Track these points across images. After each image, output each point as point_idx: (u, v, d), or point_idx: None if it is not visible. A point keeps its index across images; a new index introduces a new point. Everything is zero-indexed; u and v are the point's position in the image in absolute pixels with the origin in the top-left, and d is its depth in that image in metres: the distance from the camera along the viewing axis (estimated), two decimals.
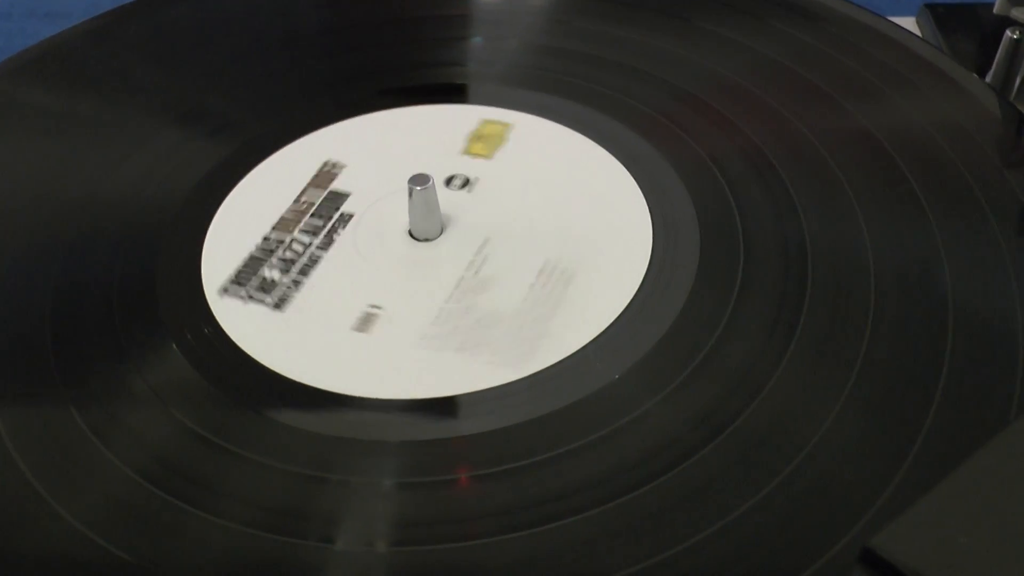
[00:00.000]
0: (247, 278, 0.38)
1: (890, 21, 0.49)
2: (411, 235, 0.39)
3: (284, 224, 0.40)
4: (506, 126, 0.42)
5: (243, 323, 0.36)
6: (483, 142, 0.41)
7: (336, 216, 0.41)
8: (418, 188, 0.38)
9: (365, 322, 0.36)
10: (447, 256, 0.39)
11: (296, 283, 0.38)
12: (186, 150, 0.44)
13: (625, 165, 0.42)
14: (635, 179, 0.41)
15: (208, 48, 0.51)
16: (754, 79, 0.45)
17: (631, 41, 0.49)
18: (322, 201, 0.42)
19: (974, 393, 0.31)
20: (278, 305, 0.37)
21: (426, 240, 0.39)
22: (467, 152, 0.41)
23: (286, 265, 0.39)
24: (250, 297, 0.37)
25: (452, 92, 0.47)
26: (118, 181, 0.43)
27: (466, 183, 0.42)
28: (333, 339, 0.35)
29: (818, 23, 0.49)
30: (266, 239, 0.40)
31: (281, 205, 0.41)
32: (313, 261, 0.39)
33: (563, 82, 0.46)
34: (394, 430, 0.32)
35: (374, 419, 0.33)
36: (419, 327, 0.35)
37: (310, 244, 0.39)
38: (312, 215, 0.41)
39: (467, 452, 0.31)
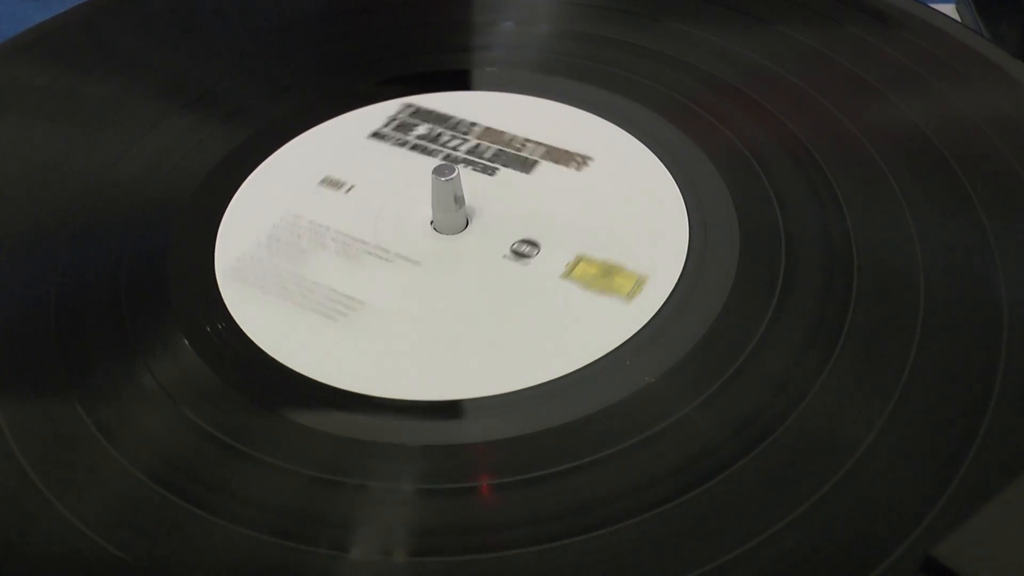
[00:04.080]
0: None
1: (932, 8, 0.49)
2: (434, 228, 0.40)
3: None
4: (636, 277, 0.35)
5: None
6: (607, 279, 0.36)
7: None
8: (442, 179, 0.38)
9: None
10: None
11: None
12: (197, 136, 0.44)
13: (660, 157, 0.42)
14: (670, 172, 0.41)
15: (219, 30, 0.51)
16: (792, 68, 0.46)
17: (667, 28, 0.49)
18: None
19: None
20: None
21: (450, 233, 0.39)
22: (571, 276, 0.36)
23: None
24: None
25: (483, 79, 0.47)
26: (126, 168, 0.43)
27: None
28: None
29: (856, 10, 0.49)
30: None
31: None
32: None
33: (596, 70, 0.47)
34: (415, 433, 0.32)
35: (394, 421, 0.33)
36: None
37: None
38: None
39: (492, 458, 0.31)
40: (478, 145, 0.43)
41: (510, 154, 0.43)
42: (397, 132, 0.44)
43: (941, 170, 0.40)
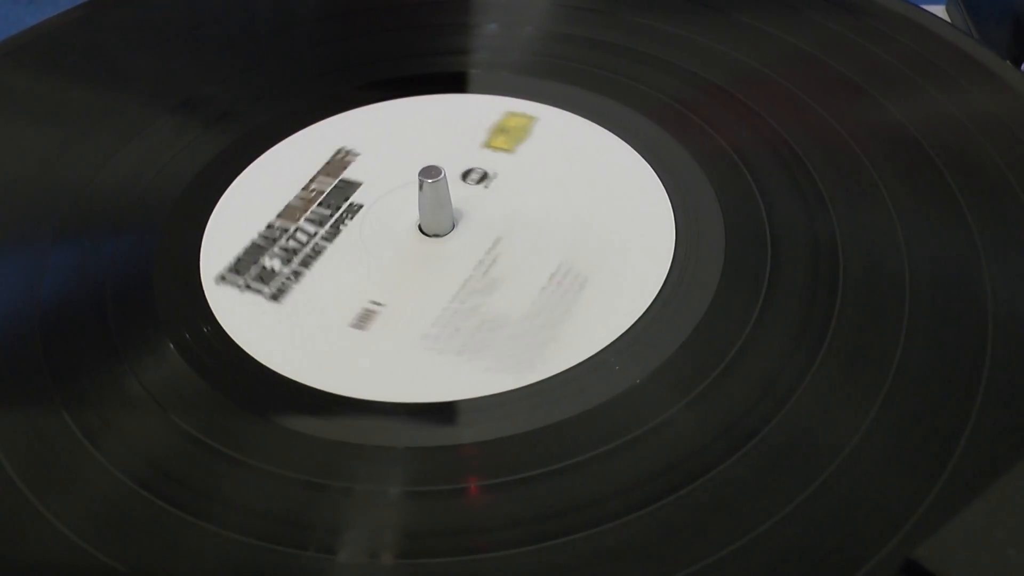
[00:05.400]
0: (246, 267, 0.38)
1: (922, 9, 0.49)
2: (420, 230, 0.40)
3: (290, 212, 0.41)
4: (531, 119, 0.41)
5: (244, 322, 0.36)
6: (505, 135, 0.40)
7: (344, 206, 0.41)
8: (429, 181, 0.38)
9: (365, 319, 0.36)
10: (459, 253, 0.39)
11: (296, 274, 0.38)
12: (183, 140, 0.44)
13: (647, 159, 0.42)
14: (657, 174, 0.41)
15: (205, 33, 0.51)
16: (780, 70, 0.46)
17: (653, 29, 0.49)
18: (331, 190, 0.42)
19: (1015, 400, 0.31)
20: (275, 296, 0.37)
21: (436, 236, 0.39)
22: (488, 145, 0.40)
23: (287, 255, 0.39)
24: (247, 287, 0.37)
25: (468, 81, 0.47)
26: (112, 172, 0.43)
27: (483, 177, 0.42)
28: (335, 337, 0.35)
29: (845, 11, 0.49)
30: (270, 227, 0.40)
31: (288, 193, 0.41)
32: (316, 252, 0.39)
33: (582, 71, 0.47)
34: (400, 435, 0.32)
35: (380, 423, 0.33)
36: (423, 327, 0.35)
37: (315, 234, 0.40)
38: (320, 204, 0.41)
39: (478, 460, 0.31)
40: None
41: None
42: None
43: (928, 172, 0.40)
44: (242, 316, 0.36)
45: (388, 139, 0.44)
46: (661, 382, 0.33)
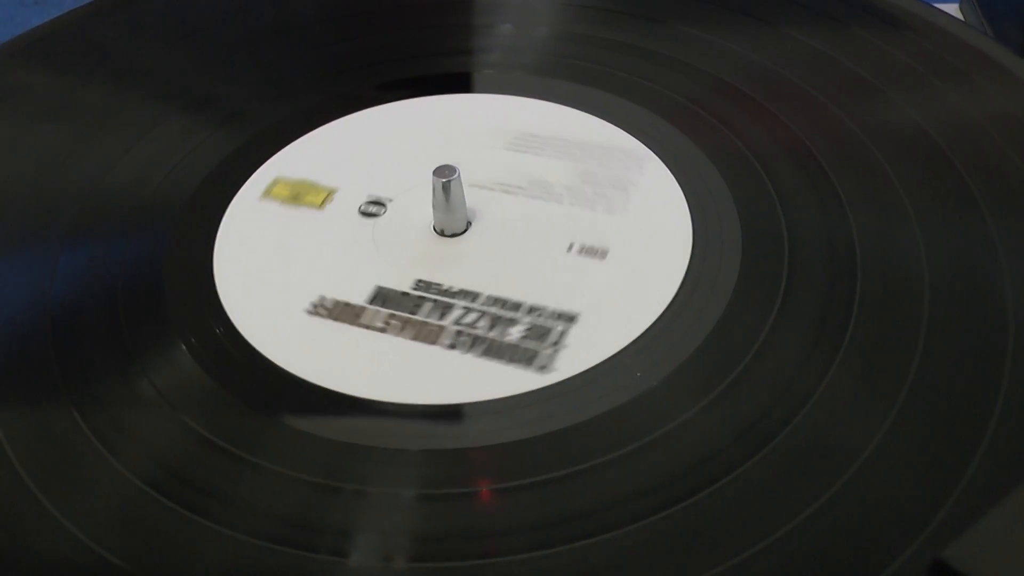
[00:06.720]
0: None
1: (936, 8, 0.49)
2: (435, 230, 0.40)
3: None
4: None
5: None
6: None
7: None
8: (443, 180, 0.38)
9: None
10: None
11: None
12: (194, 140, 0.44)
13: (662, 160, 0.42)
14: (673, 175, 0.41)
15: (214, 32, 0.51)
16: (796, 70, 0.46)
17: (667, 29, 0.49)
18: None
19: None
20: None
21: (451, 236, 0.39)
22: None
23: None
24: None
25: (481, 81, 0.47)
26: (122, 173, 0.43)
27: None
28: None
29: (860, 11, 0.49)
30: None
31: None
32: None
33: (597, 72, 0.47)
34: (415, 438, 0.32)
35: (394, 426, 0.32)
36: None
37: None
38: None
39: (492, 463, 0.31)
40: None
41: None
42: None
43: (946, 172, 0.40)
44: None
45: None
46: (678, 385, 0.33)
